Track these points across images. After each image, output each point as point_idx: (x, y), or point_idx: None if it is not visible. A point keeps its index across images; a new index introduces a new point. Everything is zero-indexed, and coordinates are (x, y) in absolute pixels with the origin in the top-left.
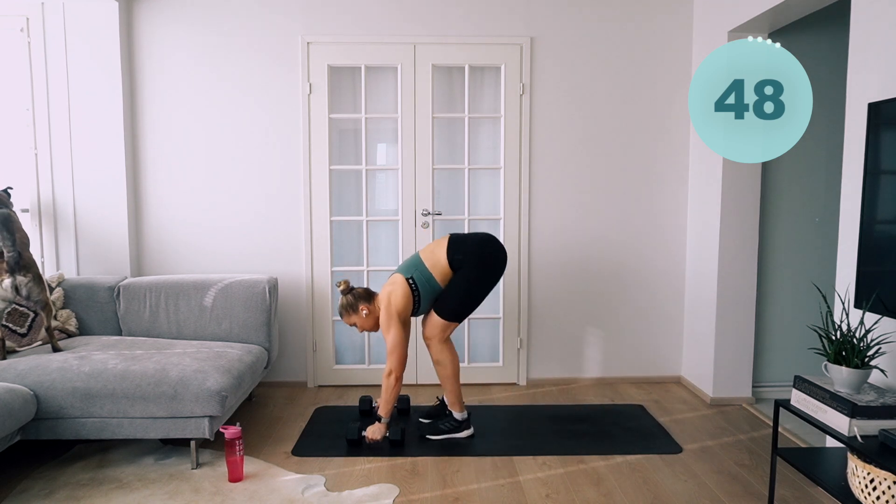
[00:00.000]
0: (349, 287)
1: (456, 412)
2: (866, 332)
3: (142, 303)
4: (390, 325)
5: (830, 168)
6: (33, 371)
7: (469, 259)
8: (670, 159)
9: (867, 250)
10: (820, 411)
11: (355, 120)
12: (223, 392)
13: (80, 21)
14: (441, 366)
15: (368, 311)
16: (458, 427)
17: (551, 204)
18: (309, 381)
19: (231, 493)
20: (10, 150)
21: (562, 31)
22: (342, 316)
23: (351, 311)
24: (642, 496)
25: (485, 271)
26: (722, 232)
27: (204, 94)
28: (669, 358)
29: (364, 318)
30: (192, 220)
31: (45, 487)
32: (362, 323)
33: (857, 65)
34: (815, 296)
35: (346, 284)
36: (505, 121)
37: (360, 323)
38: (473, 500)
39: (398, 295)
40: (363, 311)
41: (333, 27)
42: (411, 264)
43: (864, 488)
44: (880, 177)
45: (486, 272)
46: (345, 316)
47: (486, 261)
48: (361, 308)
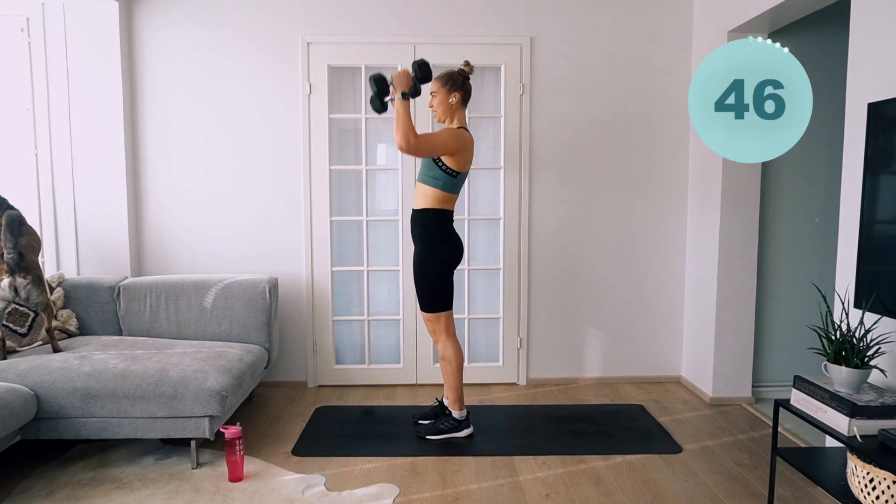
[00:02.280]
0: (466, 75)
1: (455, 411)
2: (866, 332)
3: (142, 303)
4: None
5: (830, 168)
6: (34, 371)
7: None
8: (670, 159)
9: (867, 250)
10: (820, 411)
11: (355, 120)
12: (223, 392)
13: (81, 21)
14: (446, 361)
15: (456, 100)
16: (457, 426)
17: (551, 204)
18: (309, 380)
19: (231, 493)
20: (10, 150)
21: (562, 31)
22: (437, 79)
23: (450, 84)
24: (642, 496)
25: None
26: (722, 232)
27: (204, 94)
28: (669, 358)
29: (447, 101)
30: (192, 220)
31: (45, 487)
32: (441, 101)
33: (857, 65)
34: (814, 296)
35: (472, 68)
36: (505, 121)
37: (441, 100)
38: (473, 500)
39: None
40: (453, 97)
41: (333, 27)
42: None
43: (863, 488)
44: (880, 177)
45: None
46: (436, 82)
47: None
48: (455, 94)
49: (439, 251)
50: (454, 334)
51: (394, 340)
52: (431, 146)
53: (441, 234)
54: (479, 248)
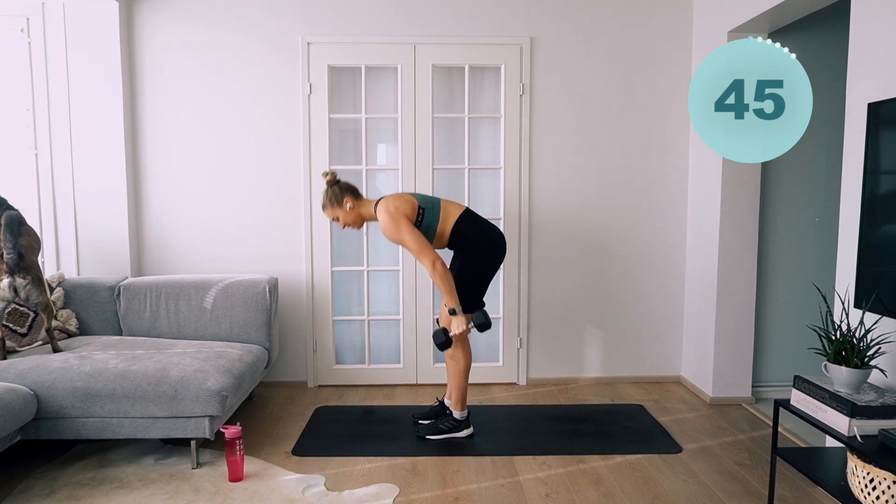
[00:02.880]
0: (335, 179)
1: (457, 411)
2: (866, 332)
3: (142, 303)
4: (402, 228)
5: (830, 168)
6: (34, 371)
7: (473, 242)
8: (670, 159)
9: (867, 250)
10: (820, 411)
11: (355, 120)
12: (223, 392)
13: (81, 21)
14: (454, 361)
15: (353, 205)
16: (457, 426)
17: (551, 204)
18: (309, 380)
19: (231, 493)
20: (10, 150)
21: (562, 31)
22: (325, 208)
23: (335, 202)
24: (642, 496)
25: (484, 258)
26: (722, 232)
27: (204, 94)
28: (669, 358)
29: (347, 211)
30: (192, 220)
31: (45, 487)
32: (345, 217)
33: (857, 65)
34: (815, 296)
35: (333, 175)
36: (505, 121)
37: (343, 216)
38: (473, 500)
39: (407, 210)
40: (347, 205)
41: (333, 27)
42: (429, 201)
43: (863, 488)
44: (880, 177)
45: (485, 259)
46: (328, 208)
47: (489, 247)
48: (346, 201)
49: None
50: (466, 336)
51: (394, 340)
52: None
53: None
54: None
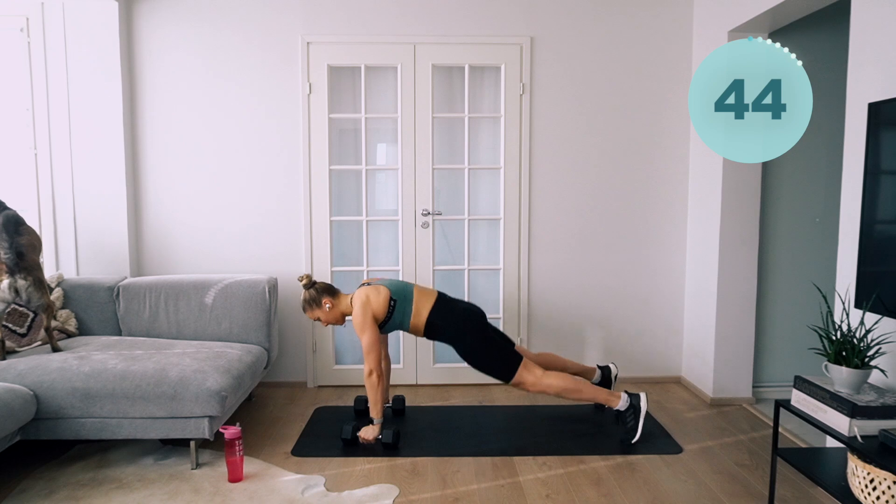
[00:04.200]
0: (311, 281)
1: (615, 405)
2: (866, 332)
3: (142, 303)
4: (366, 326)
5: (830, 168)
6: (33, 371)
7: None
8: (670, 159)
9: (867, 250)
10: (820, 411)
11: (355, 120)
12: (223, 392)
13: (80, 21)
14: (566, 393)
15: (332, 304)
16: (635, 413)
17: (551, 203)
18: (309, 381)
19: (231, 494)
20: (10, 150)
21: (562, 31)
22: (305, 310)
23: (314, 304)
24: (642, 496)
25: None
26: (722, 232)
27: (203, 94)
28: (669, 358)
29: (327, 311)
30: (191, 220)
31: (45, 487)
32: (326, 316)
33: (857, 65)
34: (815, 296)
35: (308, 279)
36: (505, 121)
37: (324, 317)
38: (473, 500)
39: (379, 303)
40: (326, 305)
41: (333, 27)
42: (402, 291)
43: (864, 488)
44: (880, 177)
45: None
46: (307, 310)
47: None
48: (325, 302)
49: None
50: (543, 371)
51: (393, 341)
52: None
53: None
54: (479, 248)
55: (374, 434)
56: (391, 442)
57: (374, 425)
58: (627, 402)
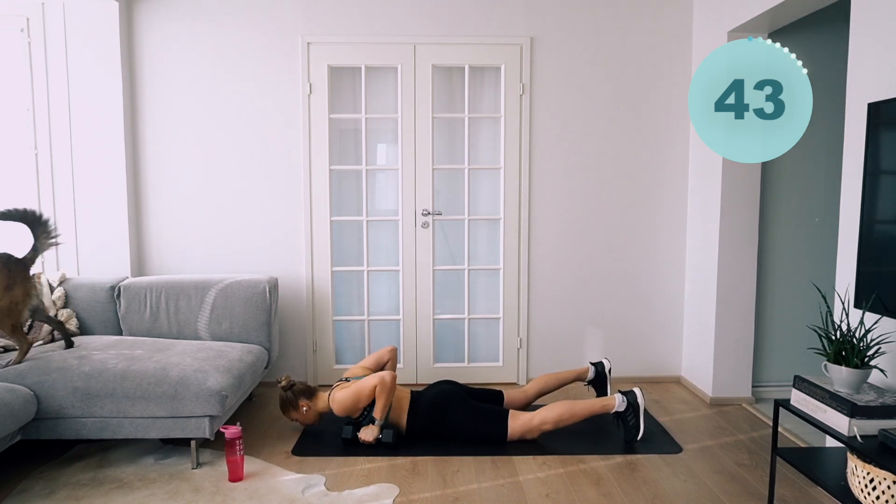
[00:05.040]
0: (290, 383)
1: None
2: (866, 332)
3: (142, 303)
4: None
5: (830, 168)
6: (33, 371)
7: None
8: (670, 159)
9: (867, 250)
10: (820, 411)
11: (355, 120)
12: (223, 392)
13: (81, 21)
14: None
15: (308, 407)
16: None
17: (551, 204)
18: (309, 380)
19: (231, 493)
20: (10, 150)
21: (562, 31)
22: (283, 411)
23: (290, 407)
24: (642, 496)
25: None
26: (722, 232)
27: (204, 94)
28: (669, 358)
29: (304, 413)
30: (192, 220)
31: (45, 487)
32: (302, 418)
33: (857, 65)
34: (815, 296)
35: (288, 380)
36: (505, 121)
37: (301, 418)
38: (473, 500)
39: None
40: (303, 408)
41: (333, 27)
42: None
43: (863, 488)
44: (880, 177)
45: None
46: (284, 411)
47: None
48: (302, 404)
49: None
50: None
51: (394, 340)
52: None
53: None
54: (479, 248)
55: (373, 434)
56: (391, 442)
57: (375, 426)
58: (624, 402)
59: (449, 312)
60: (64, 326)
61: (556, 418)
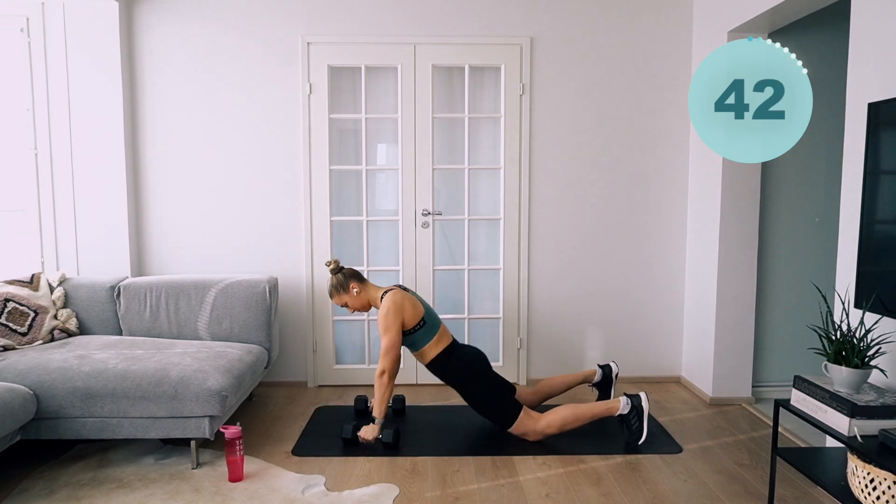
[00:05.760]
0: (339, 266)
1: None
2: (866, 332)
3: (142, 303)
4: (390, 327)
5: (830, 168)
6: (33, 371)
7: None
8: (670, 159)
9: (867, 250)
10: (820, 411)
11: (355, 120)
12: (223, 392)
13: (81, 21)
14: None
15: (359, 290)
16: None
17: (551, 204)
18: (309, 380)
19: (231, 493)
20: (11, 150)
21: (562, 31)
22: (332, 295)
23: (342, 289)
24: (642, 496)
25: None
26: (722, 232)
27: (203, 94)
28: (669, 358)
29: (355, 296)
30: (192, 220)
31: (45, 487)
32: (353, 302)
33: (857, 65)
34: (815, 296)
35: (336, 263)
36: (505, 121)
37: (351, 302)
38: (473, 500)
39: (412, 315)
40: (354, 290)
41: (333, 27)
42: (433, 318)
43: (863, 488)
44: (880, 177)
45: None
46: (335, 295)
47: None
48: (352, 286)
49: (467, 371)
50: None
51: None
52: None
53: (460, 364)
54: (479, 248)
55: (373, 434)
56: (391, 441)
57: (375, 425)
58: (629, 404)
59: (449, 312)
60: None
61: (561, 423)
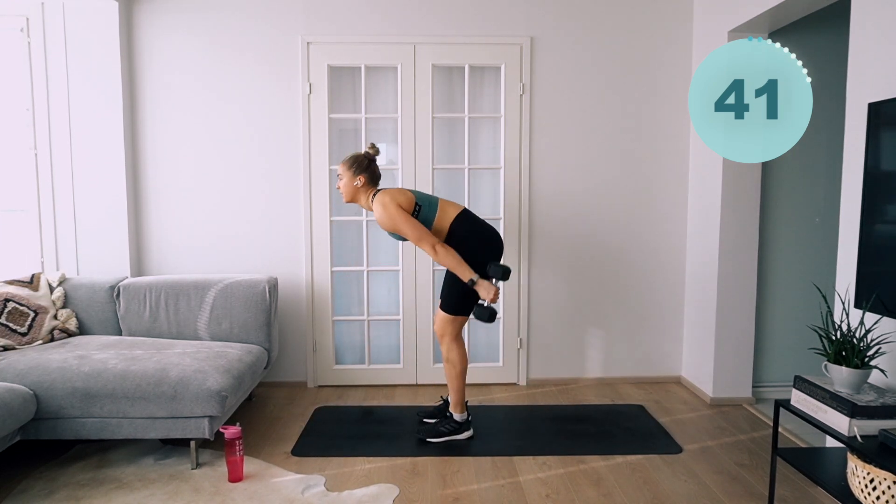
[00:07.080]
0: (373, 157)
1: (456, 414)
2: (866, 332)
3: (142, 303)
4: (400, 219)
5: (830, 168)
6: (33, 371)
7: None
8: (670, 159)
9: (867, 250)
10: (820, 411)
11: (355, 120)
12: (223, 392)
13: (80, 21)
14: (450, 364)
15: (362, 183)
16: (457, 429)
17: (551, 204)
18: (309, 381)
19: (231, 493)
20: (10, 150)
21: (562, 31)
22: (343, 163)
23: (355, 168)
24: (642, 496)
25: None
26: (722, 232)
27: (203, 93)
28: (669, 358)
29: (352, 185)
30: (191, 220)
31: (45, 487)
32: (346, 183)
33: (857, 65)
34: (815, 296)
35: (376, 152)
36: (505, 121)
37: (346, 182)
38: (473, 500)
39: (400, 196)
40: (358, 179)
41: (333, 27)
42: (427, 199)
43: (864, 488)
44: (880, 177)
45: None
46: (344, 166)
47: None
48: (360, 177)
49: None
50: (461, 338)
51: (394, 340)
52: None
53: (467, 231)
54: None
55: (491, 288)
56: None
57: (480, 282)
58: (463, 419)
59: None
60: None
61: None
